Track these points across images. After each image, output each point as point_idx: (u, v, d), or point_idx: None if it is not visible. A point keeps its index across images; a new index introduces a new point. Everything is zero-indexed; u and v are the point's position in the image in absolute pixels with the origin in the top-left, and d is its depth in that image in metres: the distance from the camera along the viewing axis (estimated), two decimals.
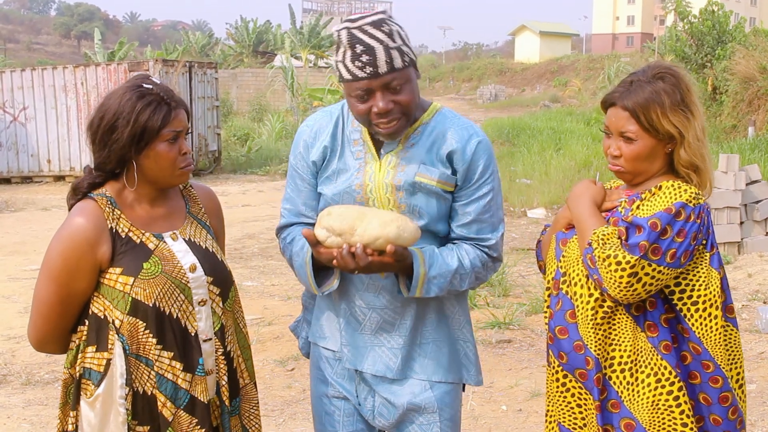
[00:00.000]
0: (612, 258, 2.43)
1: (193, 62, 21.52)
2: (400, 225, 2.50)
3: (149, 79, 2.57)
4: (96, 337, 2.51)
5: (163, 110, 2.50)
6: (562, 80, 55.68)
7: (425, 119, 2.71)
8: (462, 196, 2.71)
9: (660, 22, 77.57)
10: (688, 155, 2.54)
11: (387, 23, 2.53)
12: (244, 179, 20.50)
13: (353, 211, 2.54)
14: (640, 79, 2.56)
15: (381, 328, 2.74)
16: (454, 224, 2.74)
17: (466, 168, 2.68)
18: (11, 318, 7.84)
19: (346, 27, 2.54)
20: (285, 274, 9.34)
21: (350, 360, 2.78)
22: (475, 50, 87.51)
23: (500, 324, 7.24)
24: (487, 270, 2.77)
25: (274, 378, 6.13)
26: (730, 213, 9.88)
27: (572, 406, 2.65)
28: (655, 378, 2.51)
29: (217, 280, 2.62)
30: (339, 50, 2.55)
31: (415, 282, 2.61)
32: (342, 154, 2.73)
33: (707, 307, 2.53)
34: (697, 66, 23.35)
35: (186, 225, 2.66)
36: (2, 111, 20.64)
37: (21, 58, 69.30)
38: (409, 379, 2.76)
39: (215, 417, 2.62)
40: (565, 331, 2.62)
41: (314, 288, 2.71)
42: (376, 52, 2.48)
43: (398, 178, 2.66)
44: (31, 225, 13.76)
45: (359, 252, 2.47)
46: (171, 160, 2.54)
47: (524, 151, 20.04)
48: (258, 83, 39.92)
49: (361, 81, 2.50)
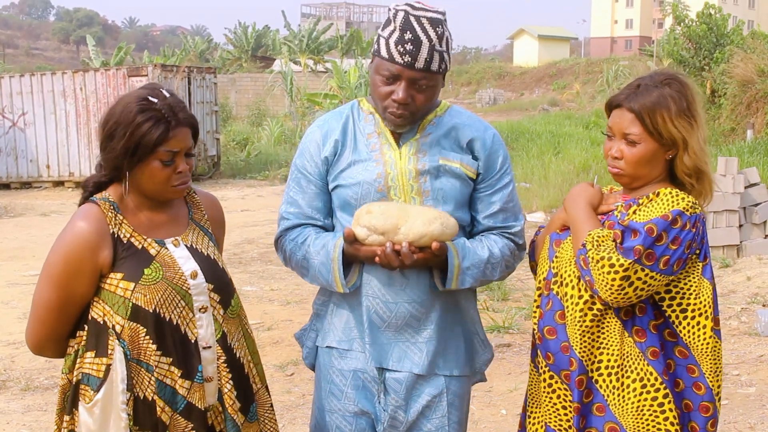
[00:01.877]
0: (606, 260, 2.44)
1: (192, 67, 21.57)
2: (443, 222, 2.57)
3: (159, 91, 2.51)
4: (95, 343, 2.50)
5: (160, 128, 2.45)
6: (560, 84, 55.69)
7: (439, 113, 2.78)
8: (486, 187, 2.77)
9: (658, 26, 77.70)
10: (692, 161, 2.54)
11: (443, 25, 2.59)
12: (243, 184, 20.51)
13: (395, 209, 2.58)
14: (648, 84, 2.58)
15: (406, 323, 2.74)
16: (481, 215, 2.79)
17: (487, 156, 2.76)
18: (10, 324, 7.84)
19: (405, 10, 2.56)
20: (284, 278, 9.34)
21: (375, 358, 2.76)
22: (474, 54, 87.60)
23: (499, 328, 7.25)
24: (515, 258, 2.84)
25: (273, 383, 6.13)
26: (729, 216, 9.89)
27: (558, 407, 2.66)
28: (641, 384, 2.51)
29: (217, 287, 2.61)
30: (387, 27, 2.58)
31: (451, 274, 2.66)
32: (355, 147, 2.75)
33: (696, 315, 2.54)
34: (695, 69, 23.35)
35: (188, 231, 2.65)
36: (1, 116, 20.65)
37: (20, 64, 69.23)
38: (432, 376, 2.78)
39: (218, 422, 2.61)
40: (554, 331, 2.63)
41: (340, 285, 2.69)
42: (422, 47, 2.53)
43: (422, 163, 2.70)
44: (30, 230, 13.76)
45: (406, 251, 2.51)
46: (163, 179, 2.52)
47: (523, 154, 20.04)
48: (257, 88, 39.93)
49: (395, 65, 2.55)
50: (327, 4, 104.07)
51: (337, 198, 2.77)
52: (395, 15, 2.56)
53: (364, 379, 2.79)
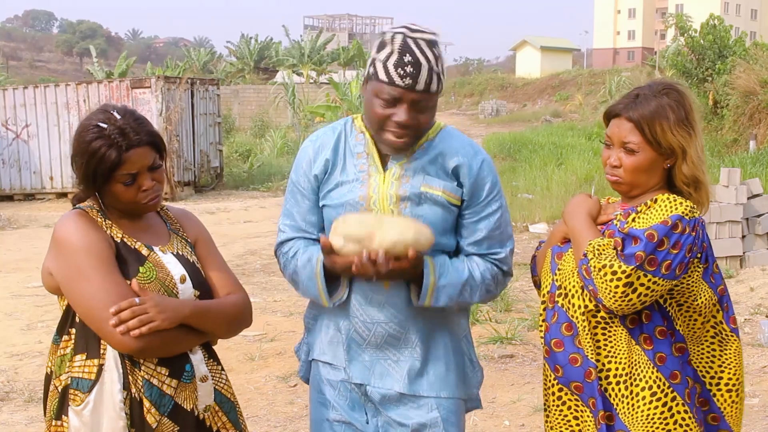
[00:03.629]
0: (608, 268, 2.45)
1: (195, 79, 21.60)
2: (417, 229, 2.55)
3: (111, 114, 2.51)
4: (85, 345, 2.48)
5: (113, 154, 2.46)
6: (563, 95, 55.73)
7: (430, 135, 2.75)
8: (471, 213, 2.74)
9: (661, 37, 77.72)
10: (690, 171, 2.56)
11: (438, 47, 2.59)
12: (246, 195, 20.53)
13: (370, 218, 2.57)
14: (646, 93, 2.59)
15: (386, 342, 2.74)
16: (466, 242, 2.76)
17: (473, 183, 2.72)
18: (14, 335, 7.84)
19: (402, 33, 2.56)
20: (287, 290, 9.34)
21: (357, 375, 2.77)
22: (476, 65, 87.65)
23: (502, 339, 7.23)
24: (498, 284, 2.79)
25: (276, 394, 6.13)
26: (732, 227, 9.88)
27: (569, 418, 2.67)
28: (651, 392, 2.53)
29: (203, 295, 2.63)
30: (384, 50, 2.57)
31: (425, 290, 2.63)
32: (344, 167, 2.75)
33: (692, 313, 2.58)
34: (698, 80, 23.39)
35: (172, 240, 2.68)
36: (5, 128, 20.71)
37: (23, 76, 69.45)
38: (416, 397, 2.75)
39: (215, 422, 2.62)
40: (561, 344, 2.64)
41: (325, 300, 2.70)
42: (422, 69, 2.53)
43: (403, 189, 2.68)
44: (33, 242, 13.76)
45: (381, 259, 2.49)
46: (129, 199, 2.55)
47: (526, 166, 20.06)
48: (260, 99, 40.04)
49: (396, 88, 2.54)
50: (329, 16, 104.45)
51: (327, 214, 2.78)
52: (392, 38, 2.55)
53: (352, 389, 2.80)
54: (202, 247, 2.78)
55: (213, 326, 2.61)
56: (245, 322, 2.76)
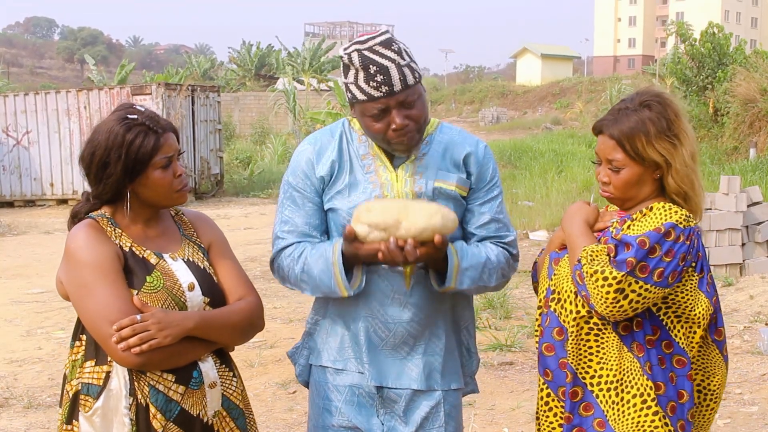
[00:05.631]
0: (599, 273, 2.46)
1: (195, 86, 21.65)
2: (444, 214, 2.56)
3: (133, 108, 2.59)
4: (95, 351, 2.50)
5: (151, 139, 2.53)
6: (563, 102, 55.84)
7: (431, 131, 2.80)
8: (476, 198, 2.80)
9: (661, 45, 77.91)
10: (675, 183, 2.57)
11: (395, 42, 2.61)
12: (246, 202, 20.55)
13: (394, 205, 2.57)
14: (628, 107, 2.60)
15: (403, 342, 2.76)
16: (473, 226, 2.81)
17: (479, 170, 2.80)
18: (13, 341, 7.85)
19: (356, 49, 2.58)
20: (287, 296, 9.34)
21: (375, 377, 2.77)
22: (477, 73, 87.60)
23: (502, 346, 7.24)
24: (509, 266, 2.85)
25: (276, 401, 6.13)
26: (732, 234, 9.88)
27: (555, 425, 2.69)
28: (641, 399, 2.53)
29: (213, 302, 2.63)
30: (349, 72, 2.60)
31: (450, 273, 2.66)
32: (351, 169, 2.76)
33: (691, 324, 2.58)
34: (698, 88, 23.44)
35: (183, 246, 2.68)
36: (5, 135, 20.75)
37: (24, 82, 69.59)
38: (431, 391, 2.80)
39: (222, 427, 2.62)
40: (552, 348, 2.65)
41: (344, 289, 2.67)
42: (390, 71, 2.55)
43: (418, 185, 2.72)
44: (33, 249, 13.78)
45: (410, 247, 2.50)
46: (167, 185, 2.58)
47: (526, 173, 20.09)
48: (260, 106, 40.10)
49: (378, 100, 2.57)
50: (330, 23, 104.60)
51: (332, 221, 2.77)
52: (350, 58, 2.58)
53: (359, 394, 2.80)
54: (216, 250, 2.78)
55: (219, 336, 2.61)
56: (255, 327, 2.76)
